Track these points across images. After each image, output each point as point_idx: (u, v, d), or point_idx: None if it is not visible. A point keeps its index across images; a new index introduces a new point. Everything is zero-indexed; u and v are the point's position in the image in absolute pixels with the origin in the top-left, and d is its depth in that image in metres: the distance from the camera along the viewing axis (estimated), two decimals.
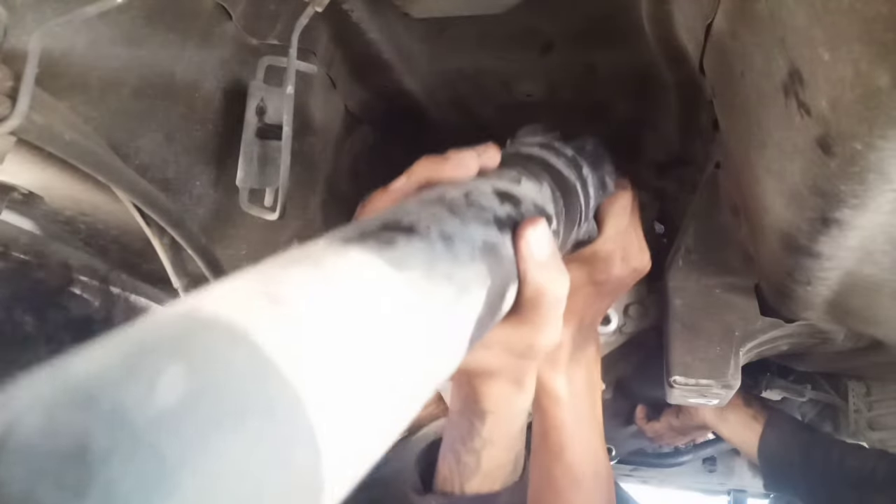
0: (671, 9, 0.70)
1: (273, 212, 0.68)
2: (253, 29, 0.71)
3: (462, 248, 0.34)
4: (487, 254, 0.36)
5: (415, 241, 0.31)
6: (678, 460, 1.66)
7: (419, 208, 0.36)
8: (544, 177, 0.52)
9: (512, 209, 0.42)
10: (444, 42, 0.87)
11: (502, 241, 0.39)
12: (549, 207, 0.49)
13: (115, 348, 0.18)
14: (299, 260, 0.26)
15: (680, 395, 0.82)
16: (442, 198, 0.38)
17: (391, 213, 0.35)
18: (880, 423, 1.33)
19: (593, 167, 0.64)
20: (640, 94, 0.97)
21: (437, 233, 0.33)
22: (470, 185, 0.42)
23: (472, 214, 0.38)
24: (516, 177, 0.48)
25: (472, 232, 0.36)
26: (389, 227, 0.32)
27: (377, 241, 0.30)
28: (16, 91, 0.45)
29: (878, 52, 0.34)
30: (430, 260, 0.31)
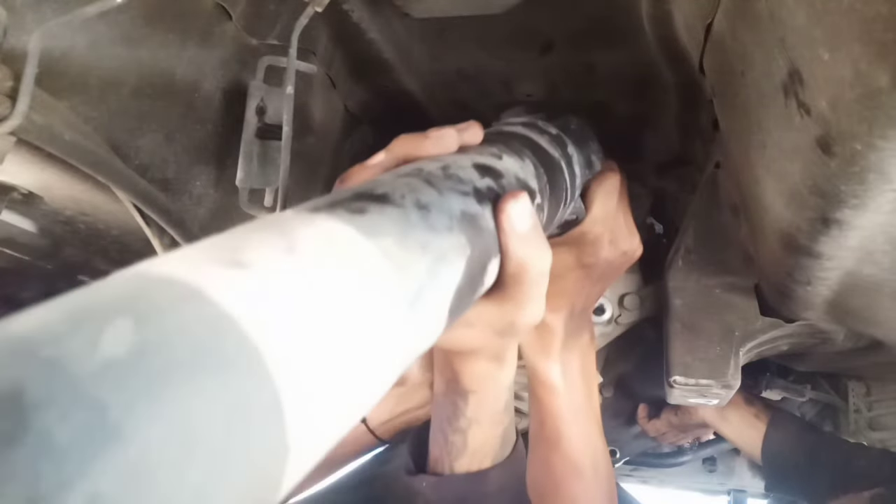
0: (671, 9, 0.70)
1: (273, 212, 0.68)
2: (253, 29, 0.71)
3: (439, 218, 0.33)
4: (467, 224, 0.36)
5: (388, 209, 0.31)
6: (678, 460, 1.66)
7: (394, 179, 0.35)
8: (527, 153, 0.51)
9: (492, 182, 0.41)
10: (444, 42, 0.87)
11: (482, 213, 0.38)
12: (531, 182, 0.48)
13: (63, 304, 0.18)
14: (263, 227, 0.25)
15: (680, 395, 0.82)
16: (419, 170, 0.37)
17: (365, 183, 0.34)
18: (880, 423, 1.33)
19: (578, 145, 0.63)
20: (640, 94, 0.97)
21: (413, 202, 0.33)
22: (448, 159, 0.41)
23: (449, 186, 0.37)
24: (497, 152, 0.47)
25: (450, 202, 0.35)
26: (362, 196, 0.31)
27: (347, 209, 0.29)
28: (16, 91, 0.45)
29: (878, 52, 0.34)
30: (403, 228, 0.30)
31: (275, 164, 0.68)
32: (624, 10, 0.75)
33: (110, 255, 0.80)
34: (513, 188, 0.43)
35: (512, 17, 0.77)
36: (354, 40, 0.84)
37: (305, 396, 0.21)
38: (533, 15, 0.78)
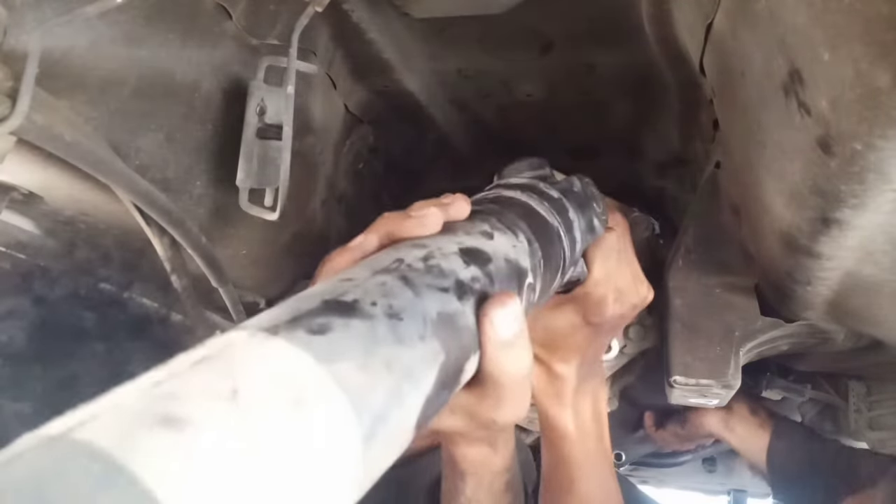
0: (671, 9, 0.70)
1: (273, 212, 0.68)
2: (253, 29, 0.71)
3: (410, 327, 0.32)
4: (443, 327, 0.34)
5: (354, 323, 0.29)
6: (678, 460, 1.66)
7: (369, 277, 0.34)
8: (521, 226, 0.49)
9: (478, 270, 0.40)
10: (444, 42, 0.87)
11: (462, 311, 0.36)
12: (523, 261, 0.46)
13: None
14: (212, 359, 0.24)
15: (680, 395, 0.82)
16: (399, 262, 0.36)
17: (336, 283, 0.33)
18: (880, 423, 1.33)
19: (581, 209, 0.62)
20: (640, 94, 0.97)
21: (383, 310, 0.31)
22: (433, 245, 0.40)
23: (428, 282, 0.36)
24: (488, 231, 0.45)
25: (426, 304, 0.34)
26: (329, 306, 0.30)
27: (307, 329, 0.28)
28: (16, 91, 0.45)
29: (878, 52, 0.34)
30: (368, 346, 0.29)
31: (275, 164, 0.68)
32: (624, 10, 0.75)
33: (110, 255, 0.80)
34: (502, 272, 0.42)
35: (512, 17, 0.77)
36: (354, 40, 0.84)
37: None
38: (533, 15, 0.78)
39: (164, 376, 0.22)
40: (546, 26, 0.83)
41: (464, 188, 1.35)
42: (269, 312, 0.29)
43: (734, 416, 1.27)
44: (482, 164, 1.34)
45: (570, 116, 1.09)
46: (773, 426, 1.23)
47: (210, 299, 0.87)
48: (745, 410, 1.26)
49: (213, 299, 0.86)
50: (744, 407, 1.26)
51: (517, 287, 0.45)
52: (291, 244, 0.93)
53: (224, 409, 0.21)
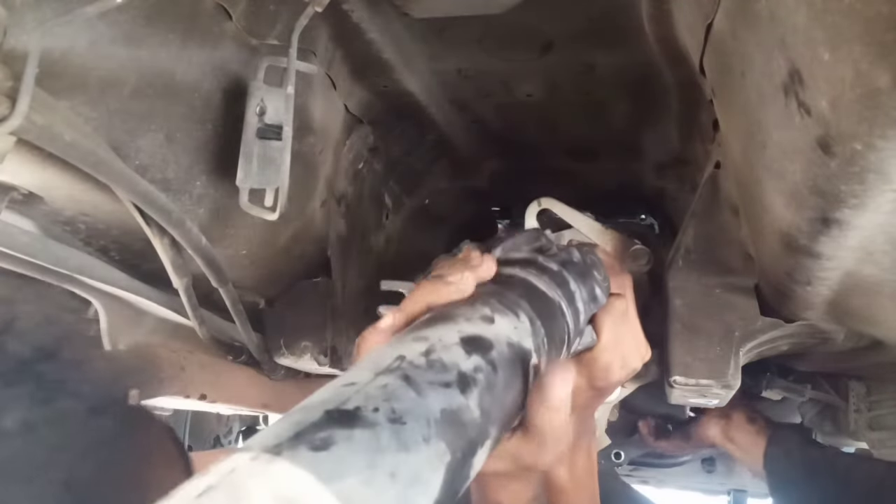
0: (671, 8, 0.70)
1: (273, 212, 0.68)
2: (253, 29, 0.71)
3: (414, 431, 0.32)
4: (447, 425, 0.35)
5: (356, 434, 0.30)
6: (678, 460, 1.67)
7: (370, 380, 0.34)
8: (523, 305, 0.50)
9: (480, 359, 0.41)
10: (444, 42, 0.87)
11: (466, 405, 0.37)
12: (526, 343, 0.47)
13: None
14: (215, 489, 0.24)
15: (680, 395, 0.82)
16: (400, 359, 0.37)
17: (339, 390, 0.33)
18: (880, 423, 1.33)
19: (582, 279, 0.62)
20: (640, 94, 0.97)
21: (386, 415, 0.32)
22: (433, 337, 0.41)
23: (430, 378, 0.36)
24: (488, 314, 0.46)
25: (430, 403, 0.35)
26: (331, 417, 0.30)
27: (310, 446, 0.28)
28: (16, 91, 0.45)
29: (878, 52, 0.34)
30: (372, 458, 0.29)
31: (275, 164, 0.68)
32: (624, 10, 0.75)
33: (110, 255, 0.80)
34: (504, 357, 0.43)
35: (512, 17, 0.77)
36: (354, 40, 0.84)
37: None
38: (533, 15, 0.78)
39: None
40: (546, 26, 0.83)
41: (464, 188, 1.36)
42: (274, 427, 0.29)
43: (732, 426, 1.28)
44: (482, 164, 1.34)
45: (570, 116, 1.09)
46: (770, 433, 1.24)
47: (210, 299, 0.87)
48: (743, 419, 1.27)
49: (213, 299, 0.86)
50: (741, 416, 1.27)
51: (522, 372, 0.45)
52: (291, 244, 0.93)
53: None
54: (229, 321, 0.94)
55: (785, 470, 1.20)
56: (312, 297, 1.02)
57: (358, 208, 1.09)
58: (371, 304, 1.07)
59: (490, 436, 0.39)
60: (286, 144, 0.66)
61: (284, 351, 1.01)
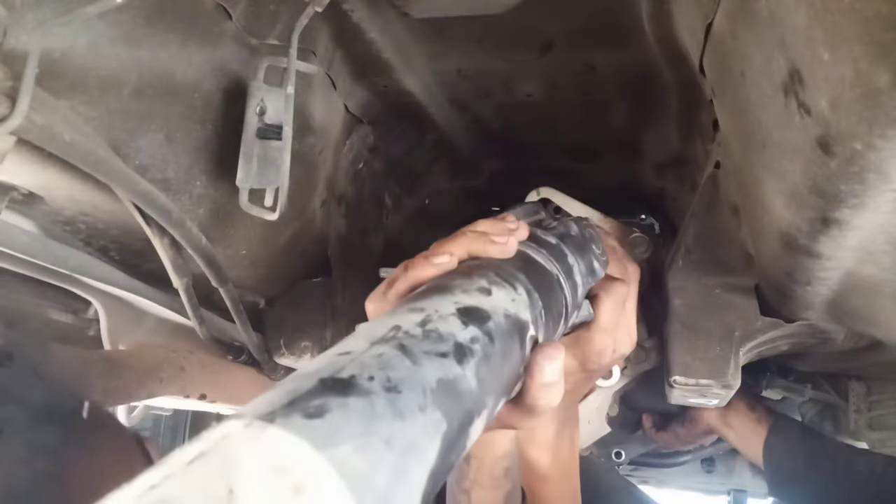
0: (671, 8, 0.70)
1: (273, 212, 0.68)
2: (253, 29, 0.71)
3: (409, 399, 0.32)
4: (443, 395, 0.34)
5: (351, 401, 0.30)
6: (678, 460, 1.67)
7: (366, 349, 0.34)
8: (520, 277, 0.50)
9: (477, 330, 0.40)
10: (444, 42, 0.87)
11: (462, 375, 0.37)
12: (523, 314, 0.47)
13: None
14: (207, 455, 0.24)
15: (680, 395, 0.82)
16: (396, 329, 0.37)
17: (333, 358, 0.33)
18: (880, 423, 1.33)
19: (580, 252, 0.62)
20: (640, 94, 0.97)
21: (381, 384, 0.32)
22: (430, 308, 0.40)
23: (426, 348, 0.36)
24: (485, 286, 0.46)
25: (426, 372, 0.34)
26: (325, 385, 0.30)
27: (304, 413, 0.28)
28: (16, 91, 0.45)
29: (878, 52, 0.34)
30: (367, 425, 0.29)
31: (275, 164, 0.68)
32: (624, 10, 0.75)
33: (110, 255, 0.80)
34: (501, 328, 0.43)
35: (512, 17, 0.77)
36: (354, 40, 0.84)
37: None
38: (533, 15, 0.78)
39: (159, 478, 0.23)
40: (546, 26, 0.83)
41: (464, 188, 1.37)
42: (267, 395, 0.29)
43: (731, 412, 1.26)
44: (482, 164, 1.34)
45: (570, 116, 1.09)
46: (771, 422, 1.23)
47: (210, 299, 0.87)
48: (743, 406, 1.26)
49: (213, 299, 0.86)
50: (741, 402, 1.26)
51: (519, 343, 0.45)
52: (291, 244, 0.93)
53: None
54: (229, 321, 0.94)
55: (785, 461, 1.19)
56: (312, 297, 1.02)
57: (358, 208, 1.09)
58: None
59: (487, 406, 0.39)
60: (286, 144, 0.66)
61: (284, 351, 1.01)
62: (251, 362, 1.05)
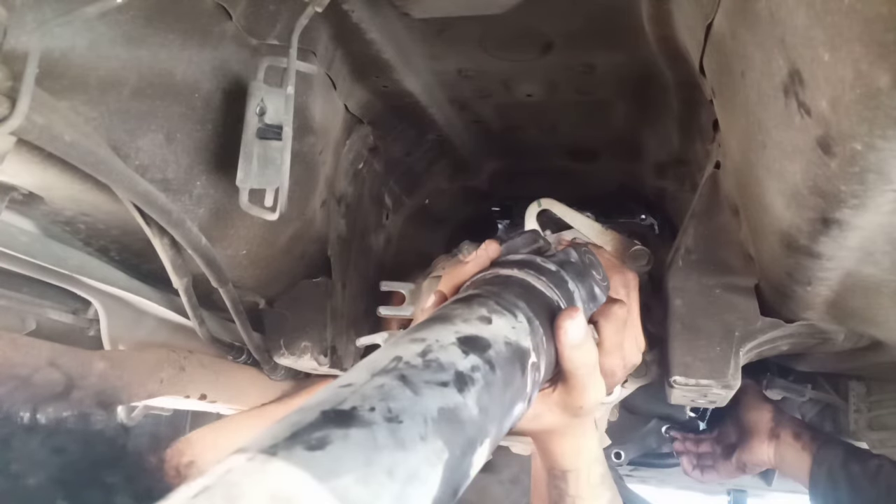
0: (671, 9, 0.70)
1: (273, 212, 0.68)
2: (253, 29, 0.71)
3: (410, 429, 0.32)
4: (444, 424, 0.35)
5: (353, 433, 0.30)
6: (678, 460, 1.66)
7: (367, 381, 0.34)
8: (520, 305, 0.50)
9: (478, 359, 0.41)
10: (444, 42, 0.87)
11: (464, 404, 0.37)
12: (524, 342, 0.47)
13: None
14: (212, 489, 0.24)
15: (680, 395, 0.82)
16: (397, 360, 0.37)
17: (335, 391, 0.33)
18: (880, 423, 1.33)
19: (580, 279, 0.62)
20: (640, 94, 0.97)
21: (382, 414, 0.32)
22: (430, 337, 0.41)
23: (427, 378, 0.36)
24: (486, 315, 0.46)
25: (426, 402, 0.34)
26: (327, 417, 0.30)
27: (306, 445, 0.28)
28: (16, 91, 0.45)
29: (878, 53, 0.34)
30: (368, 456, 0.29)
31: (275, 164, 0.68)
32: (624, 10, 0.75)
33: (110, 255, 0.80)
34: (502, 355, 0.43)
35: (512, 17, 0.77)
36: (354, 40, 0.84)
37: None
38: (533, 15, 0.78)
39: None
40: (546, 26, 0.83)
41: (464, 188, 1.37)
42: (271, 429, 0.29)
43: (782, 445, 1.25)
44: (482, 164, 1.34)
45: (570, 116, 1.09)
46: (815, 450, 1.21)
47: (210, 299, 0.87)
48: (790, 437, 1.24)
49: (213, 299, 0.86)
50: (789, 433, 1.25)
51: (520, 370, 0.45)
52: (291, 244, 0.93)
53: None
54: (229, 321, 0.94)
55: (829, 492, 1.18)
56: (312, 297, 1.02)
57: (358, 208, 1.09)
58: (371, 304, 1.07)
59: (489, 434, 0.39)
60: (286, 144, 0.66)
61: (284, 351, 1.01)
62: (251, 362, 1.05)
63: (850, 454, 1.21)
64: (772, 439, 1.26)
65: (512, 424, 0.45)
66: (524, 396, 0.46)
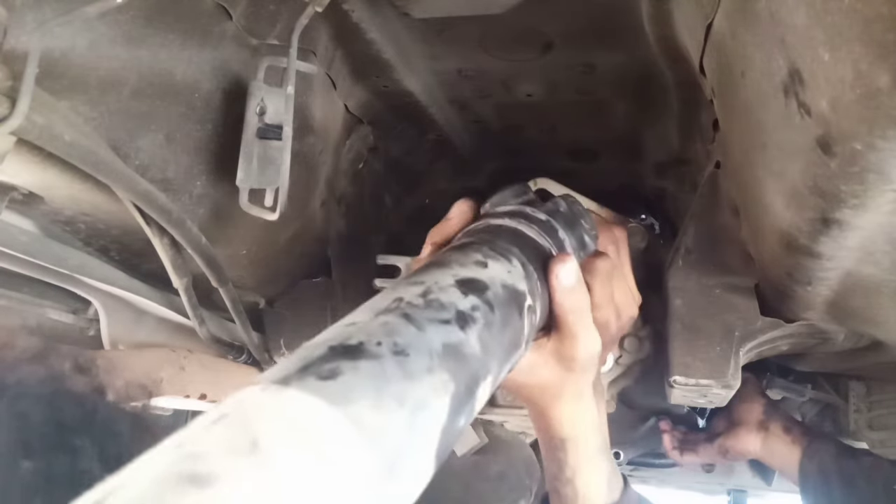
0: (671, 8, 0.70)
1: (273, 212, 0.68)
2: (253, 29, 0.71)
3: (418, 361, 0.33)
4: (449, 357, 0.35)
5: (362, 364, 0.31)
6: None
7: (371, 319, 0.35)
8: (514, 252, 0.51)
9: (477, 299, 0.41)
10: (444, 42, 0.87)
11: (465, 340, 0.38)
12: (520, 285, 0.48)
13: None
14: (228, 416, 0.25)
15: (680, 396, 0.82)
16: (398, 301, 0.38)
17: (340, 329, 0.34)
18: (880, 423, 1.33)
19: (570, 228, 0.63)
20: (640, 94, 0.97)
21: (390, 348, 0.32)
22: (429, 280, 0.41)
23: (429, 316, 0.37)
24: (482, 259, 0.47)
25: (431, 337, 0.35)
26: (336, 351, 0.31)
27: (318, 375, 0.29)
28: (16, 91, 0.45)
29: (878, 53, 0.34)
30: (378, 384, 0.30)
31: (275, 164, 0.68)
32: (624, 10, 0.75)
33: (110, 255, 0.80)
34: (500, 297, 0.44)
35: (512, 17, 0.77)
36: (354, 40, 0.84)
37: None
38: (533, 15, 0.78)
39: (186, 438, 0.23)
40: (546, 26, 0.83)
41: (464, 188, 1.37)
42: (279, 365, 0.30)
43: (771, 437, 1.25)
44: (482, 164, 1.34)
45: (570, 116, 1.09)
46: (805, 444, 1.21)
47: (210, 299, 0.87)
48: (780, 430, 1.24)
49: (213, 299, 0.86)
50: (779, 426, 1.24)
51: (518, 312, 0.46)
52: (291, 244, 0.93)
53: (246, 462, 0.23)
54: (229, 321, 0.94)
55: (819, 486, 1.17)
56: (312, 297, 1.02)
57: (358, 208, 1.09)
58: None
59: (491, 371, 0.40)
60: (286, 144, 0.66)
61: (284, 351, 1.01)
62: (251, 362, 1.05)
63: (841, 450, 1.21)
64: (760, 430, 1.25)
65: (511, 366, 0.46)
66: (522, 338, 0.47)
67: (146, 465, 0.22)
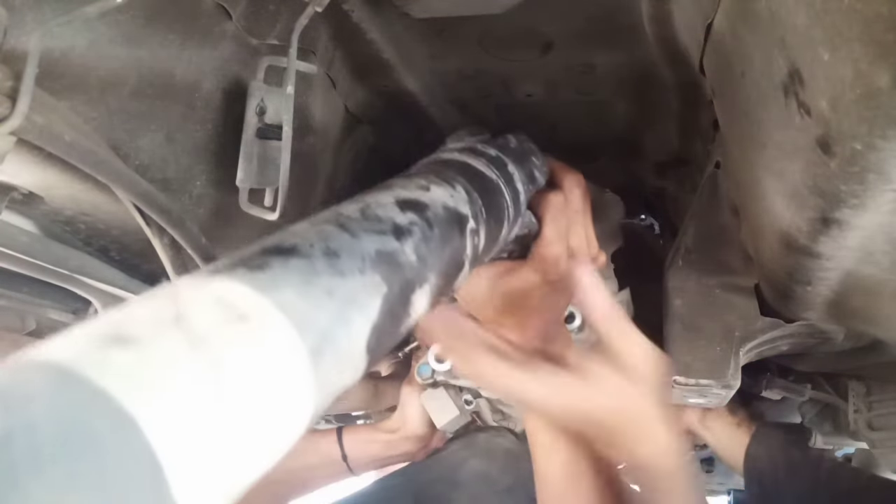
0: (671, 9, 0.70)
1: (273, 212, 0.68)
2: (253, 29, 0.71)
3: (348, 262, 0.34)
4: (383, 263, 0.36)
5: (292, 261, 0.31)
6: None
7: (308, 228, 0.35)
8: (459, 180, 0.52)
9: (415, 216, 0.42)
10: (444, 42, 0.87)
11: (401, 249, 0.38)
12: (462, 209, 0.49)
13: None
14: (157, 296, 0.26)
15: (680, 395, 0.82)
16: (337, 215, 0.38)
17: (277, 235, 0.34)
18: (880, 423, 1.33)
19: (519, 163, 0.65)
20: (640, 94, 0.97)
21: (322, 250, 0.33)
22: (369, 199, 0.42)
23: (365, 227, 0.38)
24: (425, 184, 0.48)
25: (364, 244, 0.36)
26: (267, 251, 0.32)
27: (247, 267, 0.29)
28: (16, 91, 0.45)
29: (878, 52, 0.34)
30: (307, 278, 0.31)
31: (275, 164, 0.68)
32: (624, 10, 0.75)
33: (110, 255, 0.80)
34: (440, 217, 0.44)
35: (512, 17, 0.77)
36: (354, 40, 0.84)
37: (192, 463, 0.22)
38: (533, 15, 0.78)
39: (118, 311, 0.25)
40: (546, 26, 0.83)
41: None
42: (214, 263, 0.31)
43: (711, 414, 1.25)
44: None
45: (569, 116, 1.09)
46: (754, 430, 1.21)
47: None
48: (724, 410, 1.24)
49: None
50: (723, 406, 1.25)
51: (458, 231, 0.47)
52: None
53: (169, 329, 0.24)
54: None
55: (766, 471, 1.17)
56: None
57: None
58: None
59: (429, 280, 0.40)
60: (286, 144, 0.66)
61: None
62: None
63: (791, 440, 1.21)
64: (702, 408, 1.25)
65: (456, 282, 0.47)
66: (465, 257, 0.48)
67: (81, 329, 0.23)
